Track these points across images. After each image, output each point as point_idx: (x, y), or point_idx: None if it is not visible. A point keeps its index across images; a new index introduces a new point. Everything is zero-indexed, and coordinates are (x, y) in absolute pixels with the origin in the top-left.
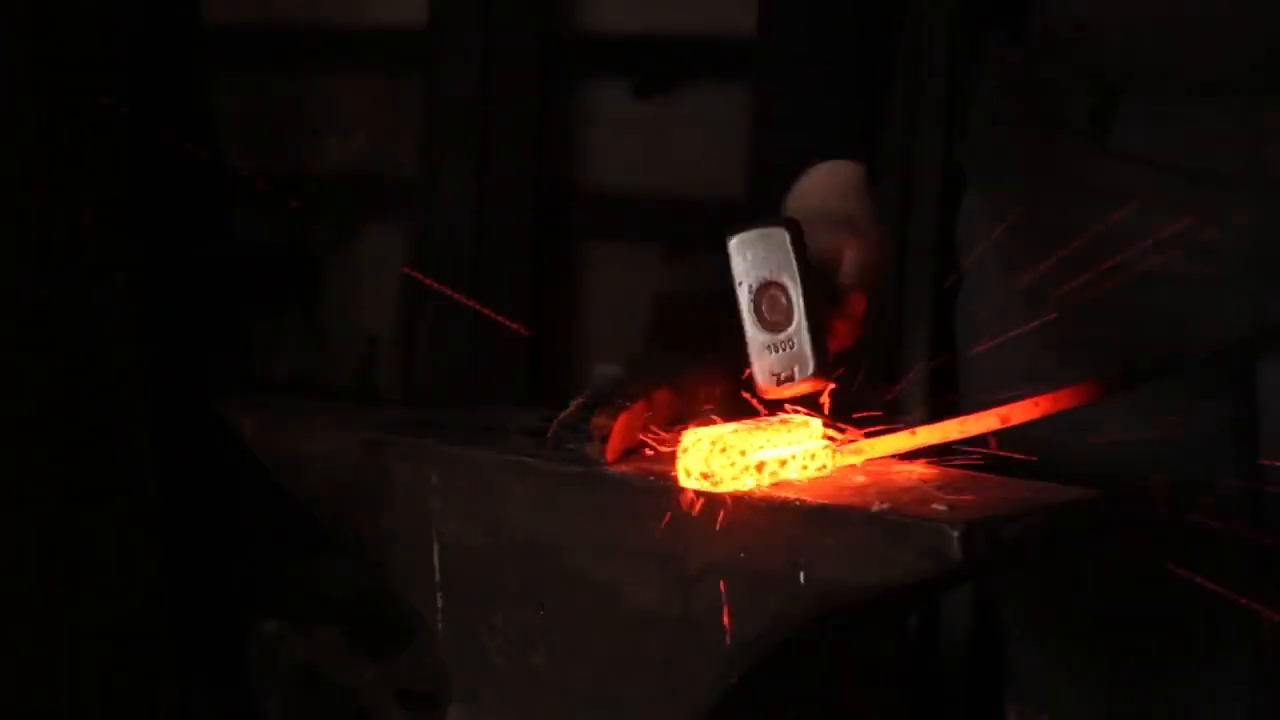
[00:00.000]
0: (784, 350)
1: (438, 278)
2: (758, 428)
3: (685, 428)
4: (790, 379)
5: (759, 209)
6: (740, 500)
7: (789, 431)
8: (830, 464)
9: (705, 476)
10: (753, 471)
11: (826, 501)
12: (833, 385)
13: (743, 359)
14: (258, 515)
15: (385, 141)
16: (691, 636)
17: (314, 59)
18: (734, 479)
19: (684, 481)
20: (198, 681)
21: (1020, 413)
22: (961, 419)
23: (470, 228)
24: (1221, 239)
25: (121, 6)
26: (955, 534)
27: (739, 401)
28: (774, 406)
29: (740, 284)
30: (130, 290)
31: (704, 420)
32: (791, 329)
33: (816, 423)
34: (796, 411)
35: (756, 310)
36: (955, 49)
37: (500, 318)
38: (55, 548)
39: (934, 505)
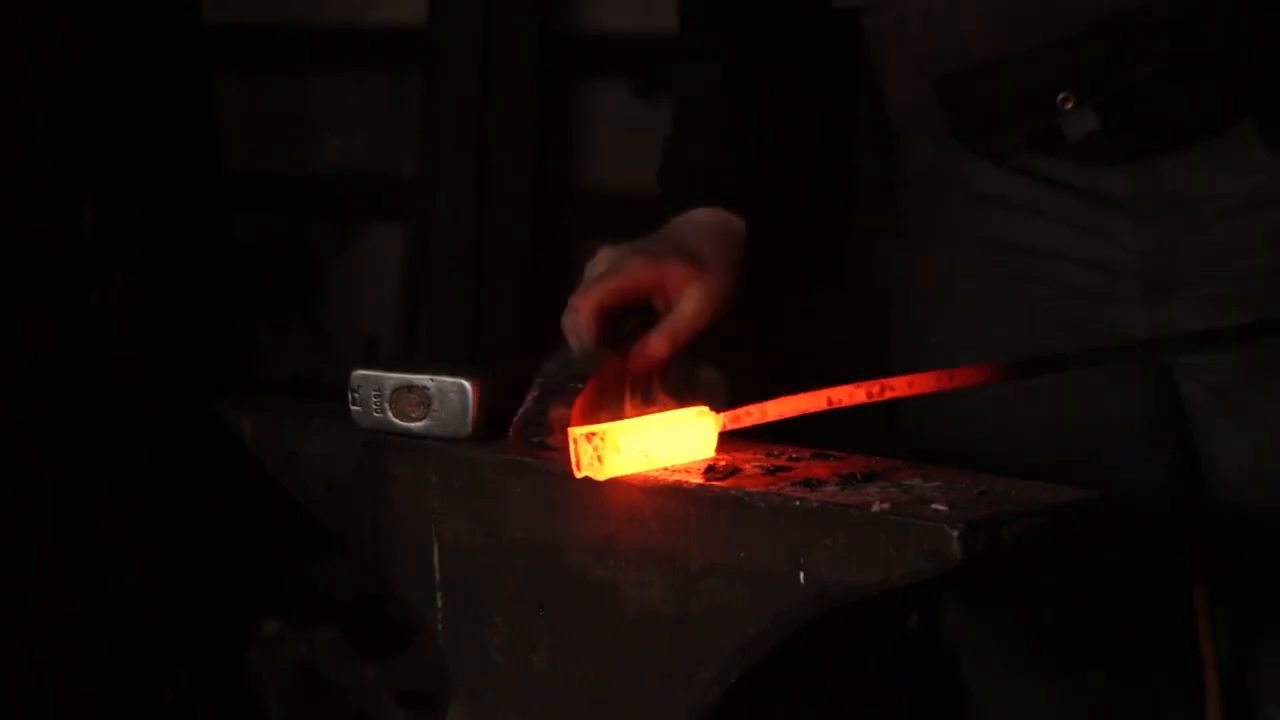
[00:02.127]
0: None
1: (438, 278)
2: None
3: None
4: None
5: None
6: (739, 500)
7: (678, 414)
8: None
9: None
10: (639, 455)
11: (827, 501)
12: None
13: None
14: (258, 515)
15: (385, 141)
16: (691, 636)
17: (315, 59)
18: (619, 463)
19: (577, 472)
20: (198, 681)
21: (900, 387)
22: (831, 390)
23: (470, 228)
24: (1113, 255)
25: (121, 6)
26: (955, 534)
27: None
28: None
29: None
30: (130, 290)
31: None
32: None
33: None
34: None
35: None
36: None
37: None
38: (54, 548)
39: (934, 505)
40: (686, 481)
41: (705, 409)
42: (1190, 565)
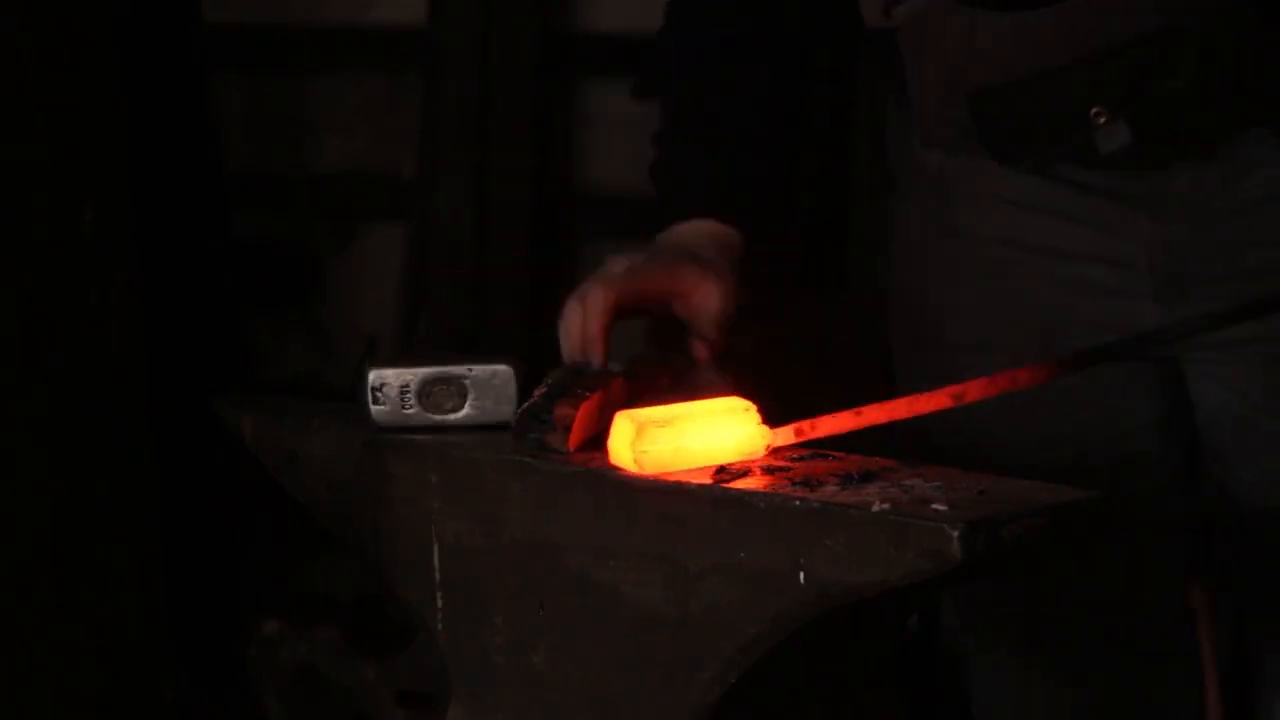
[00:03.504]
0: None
1: (438, 278)
2: (692, 410)
3: (619, 411)
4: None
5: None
6: (739, 500)
7: (725, 413)
8: (767, 444)
9: (634, 459)
10: (682, 453)
11: (827, 501)
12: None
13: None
14: (258, 515)
15: (385, 141)
16: (691, 636)
17: (315, 59)
18: (661, 460)
19: (614, 460)
20: (198, 681)
21: (975, 390)
22: (911, 398)
23: (470, 228)
24: (1129, 252)
25: (121, 6)
26: (955, 534)
27: (690, 386)
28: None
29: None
30: (130, 290)
31: (643, 404)
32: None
33: (750, 405)
34: (738, 395)
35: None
36: None
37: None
38: (54, 548)
39: (934, 505)
40: (686, 481)
41: (747, 404)
42: (1193, 562)
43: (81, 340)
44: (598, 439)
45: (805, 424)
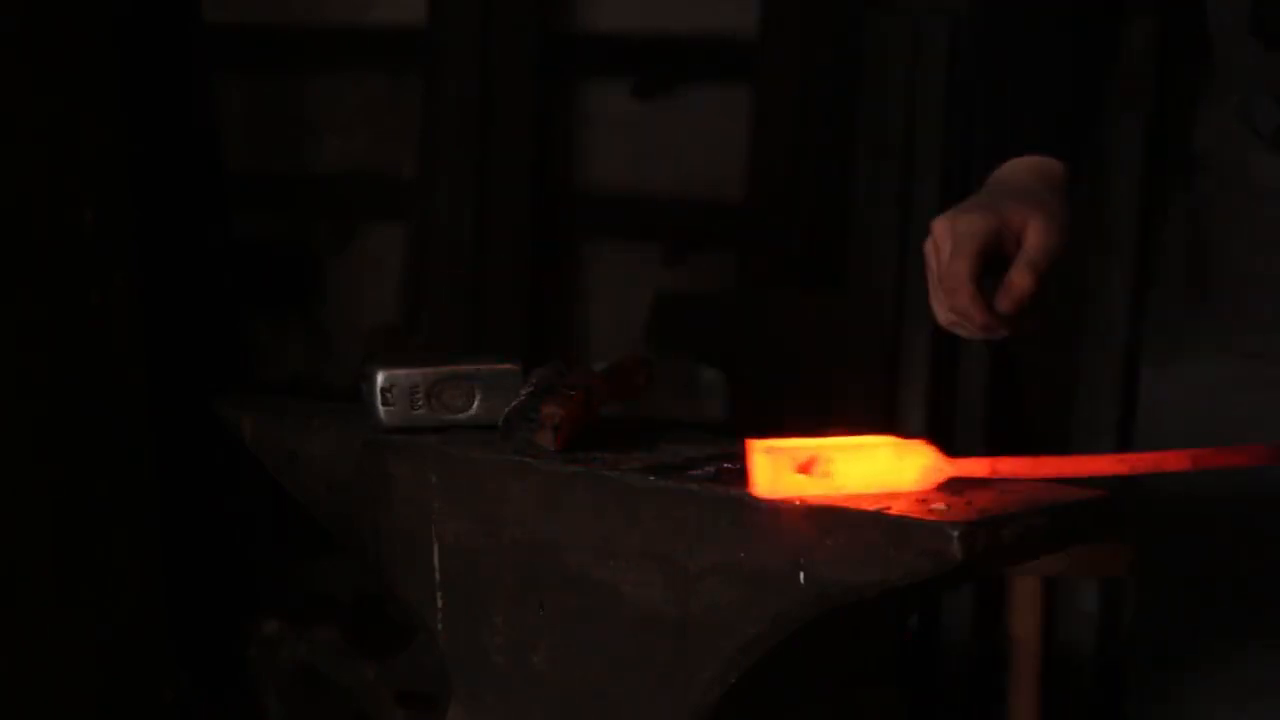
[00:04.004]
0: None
1: (438, 278)
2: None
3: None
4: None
5: (759, 209)
6: (739, 500)
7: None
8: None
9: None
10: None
11: (827, 501)
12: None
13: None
14: (258, 515)
15: (385, 141)
16: (691, 636)
17: (315, 59)
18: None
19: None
20: (198, 681)
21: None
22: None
23: (470, 228)
24: None
25: (121, 6)
26: (955, 534)
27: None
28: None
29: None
30: (130, 290)
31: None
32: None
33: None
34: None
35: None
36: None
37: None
38: (54, 548)
39: (933, 505)
40: (686, 482)
41: (923, 445)
42: None
43: (81, 340)
44: (585, 437)
45: (999, 462)
